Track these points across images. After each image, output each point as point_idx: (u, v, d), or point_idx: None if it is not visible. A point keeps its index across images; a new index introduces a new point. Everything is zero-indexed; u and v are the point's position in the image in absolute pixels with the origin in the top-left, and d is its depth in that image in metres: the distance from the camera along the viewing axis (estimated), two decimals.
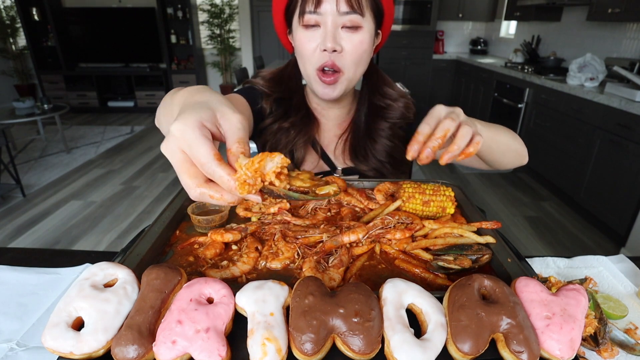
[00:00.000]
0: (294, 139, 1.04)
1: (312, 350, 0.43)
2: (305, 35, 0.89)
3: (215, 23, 6.36)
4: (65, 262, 0.88)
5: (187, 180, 0.41)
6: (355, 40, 0.88)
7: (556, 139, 3.48)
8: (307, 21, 0.87)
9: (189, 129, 0.40)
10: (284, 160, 0.41)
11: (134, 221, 3.10)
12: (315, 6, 0.85)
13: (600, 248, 2.82)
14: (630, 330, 0.70)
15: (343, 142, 1.10)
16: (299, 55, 0.95)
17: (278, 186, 0.41)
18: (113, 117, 6.40)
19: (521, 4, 4.62)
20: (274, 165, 0.40)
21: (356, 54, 0.90)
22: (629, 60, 3.32)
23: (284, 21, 0.97)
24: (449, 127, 0.61)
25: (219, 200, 0.42)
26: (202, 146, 0.40)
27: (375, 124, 1.06)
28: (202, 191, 0.41)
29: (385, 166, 1.07)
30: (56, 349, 0.44)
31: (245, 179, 0.39)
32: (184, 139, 0.41)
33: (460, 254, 0.65)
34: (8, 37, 6.31)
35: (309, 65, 0.93)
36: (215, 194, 0.41)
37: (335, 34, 0.87)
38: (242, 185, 0.39)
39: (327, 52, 0.88)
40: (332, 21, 0.86)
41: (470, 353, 0.44)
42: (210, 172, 0.40)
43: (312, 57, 0.91)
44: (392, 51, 5.86)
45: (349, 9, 0.85)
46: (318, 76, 0.93)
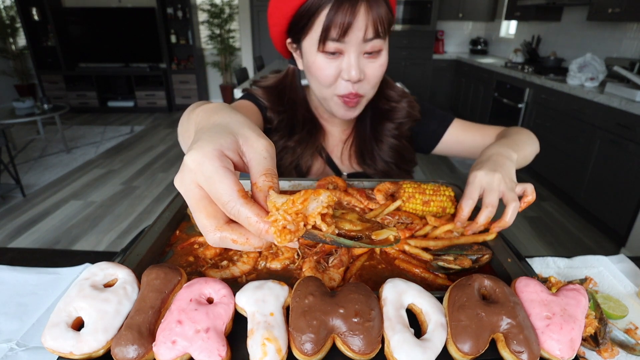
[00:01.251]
0: (301, 154, 1.02)
1: (312, 351, 0.43)
2: (325, 62, 0.84)
3: (215, 23, 6.36)
4: (65, 262, 0.88)
5: (205, 221, 0.35)
6: (377, 65, 0.86)
7: (556, 139, 3.47)
8: (329, 49, 0.82)
9: (207, 160, 0.34)
10: (330, 198, 0.34)
11: (134, 221, 3.10)
12: (341, 35, 0.79)
13: (600, 248, 2.82)
14: (631, 331, 0.70)
15: (349, 147, 1.09)
16: (313, 77, 0.90)
17: (325, 231, 0.34)
18: (113, 117, 6.41)
19: (521, 4, 4.62)
20: (318, 204, 0.33)
21: (377, 78, 0.89)
22: (629, 60, 3.32)
23: (285, 33, 0.91)
24: (491, 212, 0.69)
25: (243, 244, 0.35)
26: (223, 181, 0.34)
27: (381, 125, 1.06)
28: (223, 235, 0.35)
29: (391, 167, 1.06)
30: (56, 349, 0.44)
31: (285, 223, 0.32)
32: (201, 172, 0.34)
33: (460, 254, 0.65)
34: (8, 37, 6.32)
35: (328, 90, 0.90)
36: (239, 237, 0.35)
37: (359, 62, 0.83)
38: (282, 232, 0.32)
39: (350, 81, 0.85)
40: (356, 50, 0.82)
41: (471, 353, 0.44)
42: (235, 213, 0.34)
43: (332, 84, 0.87)
44: (392, 51, 5.83)
45: (374, 35, 0.81)
46: (340, 101, 0.90)
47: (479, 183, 0.70)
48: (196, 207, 0.36)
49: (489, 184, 0.69)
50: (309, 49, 0.86)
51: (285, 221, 0.32)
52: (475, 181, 0.70)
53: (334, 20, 0.78)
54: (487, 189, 0.69)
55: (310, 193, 0.34)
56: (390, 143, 1.05)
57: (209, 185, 0.34)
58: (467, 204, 0.69)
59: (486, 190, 0.69)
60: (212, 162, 0.34)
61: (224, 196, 0.34)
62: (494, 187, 0.69)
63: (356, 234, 0.36)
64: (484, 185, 0.69)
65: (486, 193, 0.69)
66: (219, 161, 0.35)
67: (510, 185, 0.70)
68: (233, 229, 0.35)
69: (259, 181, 0.36)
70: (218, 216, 0.35)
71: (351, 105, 0.91)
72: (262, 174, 0.36)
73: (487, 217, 0.68)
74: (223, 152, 0.36)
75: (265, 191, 0.35)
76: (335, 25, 0.78)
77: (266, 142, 0.38)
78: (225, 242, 0.35)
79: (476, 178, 0.70)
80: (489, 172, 0.70)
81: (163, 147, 4.89)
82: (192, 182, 0.35)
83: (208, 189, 0.35)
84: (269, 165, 0.37)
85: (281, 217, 0.32)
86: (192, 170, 0.35)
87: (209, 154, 0.35)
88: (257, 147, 0.37)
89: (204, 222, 0.35)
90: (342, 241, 0.34)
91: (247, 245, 0.35)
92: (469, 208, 0.70)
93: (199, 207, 0.35)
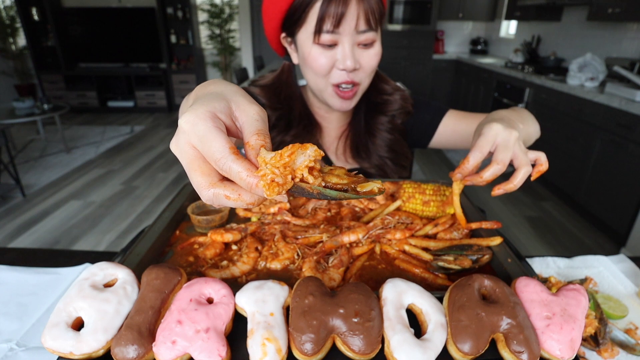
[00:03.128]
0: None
1: (312, 351, 0.43)
2: (321, 53, 0.87)
3: (215, 23, 6.36)
4: (65, 262, 0.88)
5: (199, 179, 0.36)
6: (371, 54, 0.89)
7: (556, 139, 3.47)
8: (324, 40, 0.85)
9: (200, 121, 0.36)
10: (317, 152, 0.35)
11: (134, 221, 3.10)
12: (335, 26, 0.82)
13: (600, 248, 2.81)
14: (631, 331, 0.70)
15: (343, 142, 1.09)
16: (308, 69, 0.92)
17: (312, 183, 0.35)
18: (113, 117, 6.41)
19: (521, 3, 4.62)
20: (306, 158, 0.34)
21: (373, 67, 0.91)
22: (629, 60, 3.32)
23: (279, 28, 0.94)
24: (500, 170, 0.61)
25: (236, 201, 0.36)
26: (215, 139, 0.35)
27: (374, 119, 1.06)
28: (216, 191, 0.36)
29: (386, 162, 1.07)
30: (56, 349, 0.44)
31: (273, 177, 0.33)
32: (194, 132, 0.36)
33: (460, 254, 0.65)
34: (8, 37, 6.32)
35: (324, 81, 0.91)
36: (231, 193, 0.36)
37: (354, 52, 0.86)
38: (270, 185, 0.33)
39: (345, 70, 0.87)
40: (350, 40, 0.84)
41: (471, 353, 0.44)
42: (226, 169, 0.35)
43: (327, 74, 0.90)
44: (392, 51, 5.86)
45: (367, 27, 0.84)
46: (335, 91, 0.92)
47: (494, 137, 0.62)
48: (190, 166, 0.37)
49: (504, 141, 0.62)
50: (303, 41, 0.89)
51: (273, 174, 0.33)
52: (491, 134, 0.62)
53: (328, 12, 0.81)
54: (500, 145, 0.62)
55: (298, 147, 0.35)
56: (384, 137, 1.06)
57: (202, 144, 0.36)
58: (475, 156, 0.63)
59: (499, 147, 0.62)
60: (205, 123, 0.36)
61: (216, 153, 0.35)
62: (509, 145, 0.62)
63: (342, 187, 0.37)
64: (498, 141, 0.62)
65: (499, 149, 0.62)
66: (211, 121, 0.36)
67: (523, 148, 0.64)
68: (226, 186, 0.36)
69: (251, 140, 0.37)
70: (212, 174, 0.37)
71: (346, 97, 0.93)
72: (254, 134, 0.37)
73: (494, 175, 0.62)
74: (215, 114, 0.37)
75: (257, 149, 0.36)
76: (328, 16, 0.81)
77: (258, 108, 0.40)
78: (218, 198, 0.36)
79: (492, 130, 0.62)
80: (507, 129, 0.62)
81: (163, 147, 4.89)
82: (186, 143, 0.37)
83: (201, 148, 0.36)
84: (260, 126, 0.38)
85: (269, 171, 0.33)
86: (186, 131, 0.37)
87: (201, 115, 0.36)
88: (249, 111, 0.39)
89: (199, 179, 0.36)
90: (328, 192, 0.35)
91: (239, 201, 0.36)
92: (476, 161, 0.63)
93: (193, 166, 0.37)
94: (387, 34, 5.76)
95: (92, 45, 6.47)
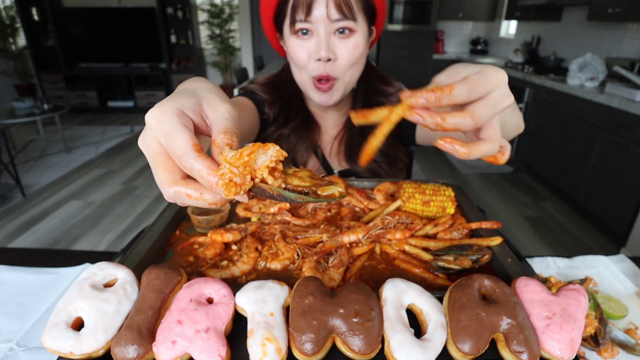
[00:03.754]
0: (296, 145, 1.03)
1: (312, 351, 0.43)
2: (298, 44, 0.87)
3: (215, 23, 6.36)
4: (65, 262, 0.88)
5: (162, 175, 0.36)
6: (350, 45, 0.86)
7: (556, 139, 3.47)
8: (299, 29, 0.85)
9: (166, 117, 0.35)
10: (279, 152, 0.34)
11: (134, 221, 3.10)
12: (306, 14, 0.83)
13: (600, 248, 2.81)
14: (631, 331, 0.70)
15: (338, 143, 1.08)
16: (291, 63, 0.94)
17: (271, 184, 0.34)
18: (113, 117, 6.40)
19: (521, 3, 4.62)
20: (267, 158, 0.33)
21: (351, 60, 0.88)
22: (629, 60, 3.32)
23: (274, 27, 0.95)
24: (469, 126, 0.40)
25: (197, 200, 0.36)
26: (179, 135, 0.34)
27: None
28: (178, 189, 0.36)
29: (381, 166, 1.06)
30: (56, 349, 0.44)
31: (231, 176, 0.32)
32: (159, 128, 0.35)
33: (460, 254, 0.65)
34: (8, 37, 6.31)
35: (303, 73, 0.91)
36: (193, 192, 0.35)
37: (329, 41, 0.85)
38: (228, 184, 0.32)
39: (321, 61, 0.86)
40: (325, 29, 0.84)
41: (471, 353, 0.44)
42: (188, 166, 0.34)
43: (306, 66, 0.89)
44: (392, 51, 5.86)
45: (340, 15, 0.83)
46: (314, 84, 0.91)
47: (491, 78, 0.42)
48: (154, 162, 0.36)
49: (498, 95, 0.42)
50: (286, 35, 0.90)
51: (232, 174, 0.32)
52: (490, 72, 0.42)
53: (298, 0, 0.83)
54: (491, 95, 0.42)
55: (259, 146, 0.34)
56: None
57: (167, 140, 0.35)
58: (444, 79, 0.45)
59: (487, 98, 0.42)
60: (170, 119, 0.35)
61: (179, 150, 0.34)
62: (500, 103, 0.43)
63: (303, 189, 0.36)
64: (489, 88, 0.41)
65: (483, 103, 0.41)
66: (177, 118, 0.36)
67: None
68: (188, 184, 0.36)
69: (217, 138, 0.36)
70: (175, 171, 0.36)
71: (324, 90, 0.91)
72: (221, 132, 0.36)
73: (457, 126, 0.41)
74: (182, 110, 0.37)
75: (222, 147, 0.35)
76: (299, 4, 0.83)
77: (229, 106, 0.39)
78: (179, 196, 0.36)
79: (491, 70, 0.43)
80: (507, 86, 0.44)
81: None
82: (152, 138, 0.36)
83: (165, 144, 0.35)
84: (229, 124, 0.37)
85: (228, 171, 0.32)
86: (152, 127, 0.36)
87: (167, 110, 0.36)
88: (220, 109, 0.38)
89: (161, 176, 0.36)
90: (287, 195, 0.35)
91: (201, 200, 0.36)
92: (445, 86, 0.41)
93: (157, 162, 0.36)
94: (387, 34, 5.75)
95: (92, 45, 6.47)
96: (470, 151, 0.42)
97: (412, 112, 0.42)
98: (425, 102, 0.40)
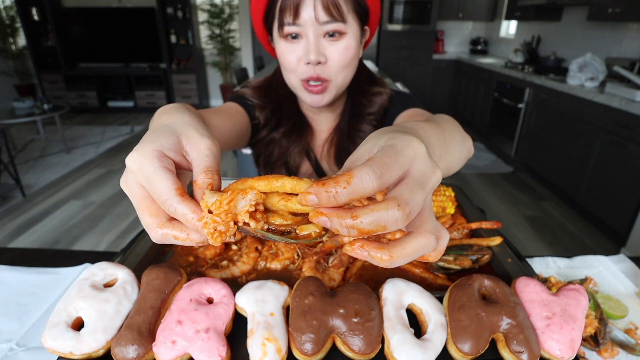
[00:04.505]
0: (288, 148, 1.01)
1: (312, 351, 0.43)
2: (287, 47, 0.86)
3: (215, 23, 6.36)
4: (65, 262, 0.88)
5: (148, 219, 0.36)
6: (340, 47, 0.85)
7: (556, 139, 3.47)
8: (287, 32, 0.84)
9: (147, 161, 0.35)
10: (257, 196, 0.34)
11: (134, 221, 3.10)
12: (294, 17, 0.81)
13: (600, 248, 2.81)
14: (631, 331, 0.70)
15: (328, 146, 1.07)
16: (281, 66, 0.92)
17: (254, 228, 0.34)
18: (113, 117, 6.40)
19: (521, 3, 4.62)
20: (246, 203, 0.34)
21: (342, 62, 0.86)
22: (629, 60, 3.32)
23: (264, 29, 0.93)
24: (398, 220, 0.29)
25: (184, 240, 0.36)
26: (161, 180, 0.35)
27: (357, 125, 1.03)
28: (165, 232, 0.36)
29: None
30: (56, 349, 0.44)
31: (215, 225, 0.33)
32: (141, 172, 0.35)
33: (460, 254, 0.65)
34: (8, 37, 6.31)
35: (293, 76, 0.90)
36: (180, 234, 0.35)
37: (318, 44, 0.83)
38: (212, 233, 0.33)
39: (311, 64, 0.85)
40: (314, 32, 0.82)
41: (471, 353, 0.44)
42: (172, 211, 0.34)
43: (295, 69, 0.87)
44: (392, 51, 5.86)
45: (329, 17, 0.81)
46: (304, 86, 0.90)
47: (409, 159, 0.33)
48: (139, 206, 0.36)
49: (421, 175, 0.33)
50: (276, 38, 0.88)
51: (215, 223, 0.33)
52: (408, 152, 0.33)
53: (286, 3, 0.81)
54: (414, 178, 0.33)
55: (237, 193, 0.34)
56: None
57: (149, 184, 0.35)
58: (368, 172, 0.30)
59: (410, 180, 0.32)
60: (152, 163, 0.35)
61: (162, 195, 0.34)
62: (427, 185, 0.34)
63: (285, 228, 0.36)
64: (412, 171, 0.33)
65: (407, 184, 0.32)
66: (158, 161, 0.36)
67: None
68: (174, 226, 0.36)
69: (199, 179, 0.36)
70: (160, 214, 0.36)
71: (315, 92, 0.90)
72: (203, 171, 0.36)
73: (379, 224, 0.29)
74: (163, 152, 0.37)
75: (204, 188, 0.35)
76: (286, 7, 0.81)
77: (209, 141, 0.39)
78: (167, 238, 0.36)
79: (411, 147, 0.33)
80: (431, 161, 0.36)
81: None
82: (134, 182, 0.37)
83: (148, 188, 0.35)
84: (210, 163, 0.37)
85: (210, 221, 0.33)
86: (133, 171, 0.36)
87: (147, 154, 0.36)
88: (200, 146, 0.38)
89: (147, 220, 0.36)
90: (270, 236, 0.35)
91: (188, 240, 0.36)
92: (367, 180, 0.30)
93: (142, 207, 0.36)
94: (387, 34, 5.75)
95: (92, 45, 6.47)
96: (392, 255, 0.31)
97: (316, 213, 0.30)
98: (317, 200, 0.29)
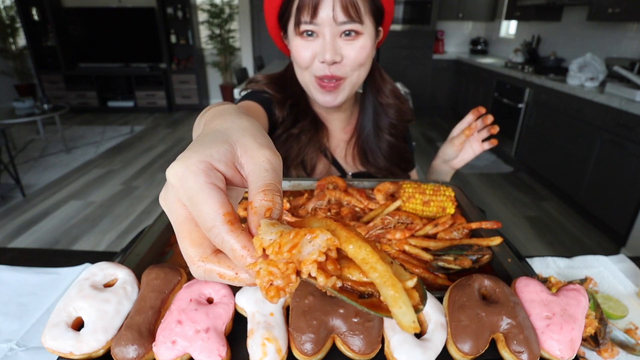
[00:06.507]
0: (306, 146, 1.00)
1: (312, 351, 0.43)
2: (302, 44, 0.86)
3: (215, 23, 6.36)
4: (65, 262, 0.88)
5: (189, 250, 0.29)
6: (357, 46, 0.85)
7: (556, 139, 3.47)
8: (303, 31, 0.84)
9: (191, 175, 0.28)
10: (330, 241, 0.25)
11: (134, 221, 3.10)
12: (312, 16, 0.81)
13: (600, 248, 2.81)
14: (631, 331, 0.70)
15: (352, 147, 1.08)
16: (295, 63, 0.92)
17: (323, 284, 0.25)
18: (113, 117, 6.40)
19: (521, 3, 4.62)
20: (315, 249, 0.25)
21: (358, 61, 0.87)
22: (629, 60, 3.32)
23: (278, 26, 0.93)
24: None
25: (232, 280, 0.29)
26: (207, 201, 0.27)
27: (381, 123, 1.05)
28: (209, 268, 0.29)
29: (393, 166, 1.06)
30: (56, 349, 0.44)
31: (270, 278, 0.25)
32: (183, 189, 0.28)
33: (460, 254, 0.65)
34: (8, 37, 6.31)
35: (306, 73, 0.90)
36: (226, 272, 0.29)
37: (334, 44, 0.83)
38: (267, 288, 0.25)
39: (325, 63, 0.85)
40: (330, 31, 0.82)
41: (471, 353, 0.44)
42: (219, 242, 0.28)
43: (309, 66, 0.88)
44: (392, 51, 5.86)
45: (347, 18, 0.81)
46: (317, 83, 0.90)
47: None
48: (179, 231, 0.30)
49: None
50: (290, 35, 0.89)
51: (271, 276, 0.25)
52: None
53: (304, 1, 0.81)
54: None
55: (304, 234, 0.25)
56: (389, 140, 1.05)
57: (192, 205, 0.28)
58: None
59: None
60: (196, 178, 0.28)
61: (208, 221, 0.27)
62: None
63: (365, 290, 0.27)
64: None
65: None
66: (204, 176, 0.28)
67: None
68: (220, 261, 0.29)
69: (256, 200, 0.29)
70: (204, 244, 0.29)
71: (328, 90, 0.90)
72: (260, 191, 0.29)
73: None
74: (211, 164, 0.29)
75: (261, 214, 0.28)
76: (305, 6, 0.81)
77: (270, 152, 0.31)
78: (211, 275, 0.29)
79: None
80: None
81: (163, 147, 4.89)
82: (175, 200, 0.30)
83: (192, 209, 0.28)
84: (270, 179, 0.30)
85: (265, 272, 0.25)
86: (174, 186, 0.29)
87: (192, 166, 0.28)
88: (258, 158, 0.31)
89: (188, 250, 0.29)
90: (344, 299, 0.27)
91: (236, 280, 0.29)
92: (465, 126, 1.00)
93: (183, 232, 0.30)
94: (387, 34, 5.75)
95: (92, 45, 6.47)
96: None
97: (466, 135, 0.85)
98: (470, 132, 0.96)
